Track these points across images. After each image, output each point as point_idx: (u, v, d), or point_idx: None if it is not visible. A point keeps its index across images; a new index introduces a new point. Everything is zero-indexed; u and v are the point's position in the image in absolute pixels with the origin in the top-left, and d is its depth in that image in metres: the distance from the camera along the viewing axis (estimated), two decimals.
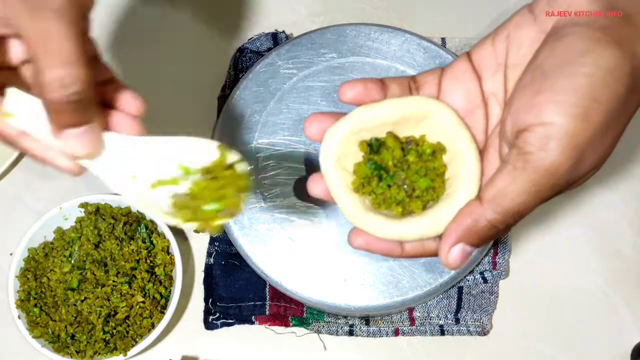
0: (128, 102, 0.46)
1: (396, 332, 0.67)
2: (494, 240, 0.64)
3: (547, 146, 0.38)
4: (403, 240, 0.44)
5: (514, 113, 0.41)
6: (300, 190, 0.64)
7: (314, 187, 0.46)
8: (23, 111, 0.44)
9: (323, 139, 0.45)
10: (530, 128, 0.39)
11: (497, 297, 0.67)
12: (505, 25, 0.44)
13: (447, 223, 0.43)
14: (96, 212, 0.67)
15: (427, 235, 0.43)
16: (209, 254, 0.69)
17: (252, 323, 0.67)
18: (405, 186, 0.45)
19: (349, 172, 0.45)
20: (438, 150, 0.45)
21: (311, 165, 0.64)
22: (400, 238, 0.44)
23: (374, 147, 0.45)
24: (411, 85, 0.46)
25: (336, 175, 0.45)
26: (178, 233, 0.71)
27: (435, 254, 0.44)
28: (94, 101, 0.43)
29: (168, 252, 0.67)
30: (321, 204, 0.63)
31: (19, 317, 0.64)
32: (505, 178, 0.40)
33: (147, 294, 0.65)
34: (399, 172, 0.45)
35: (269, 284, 0.67)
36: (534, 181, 0.39)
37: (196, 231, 0.70)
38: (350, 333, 0.67)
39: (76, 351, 0.64)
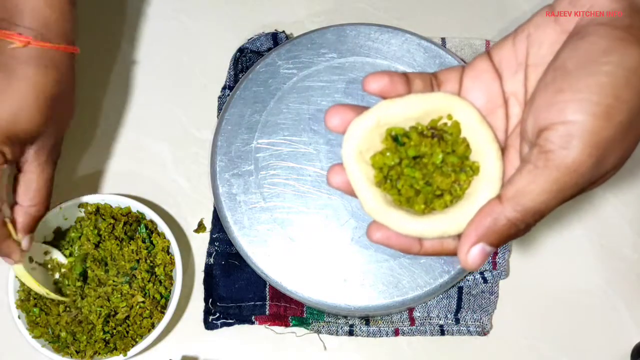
0: None
1: (396, 332, 0.67)
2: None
3: (569, 144, 0.38)
4: (424, 237, 0.44)
5: (535, 111, 0.40)
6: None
7: (334, 177, 0.46)
8: None
9: (346, 130, 0.45)
10: (551, 126, 0.39)
11: (497, 297, 0.67)
12: (525, 25, 0.44)
13: (469, 222, 0.42)
14: (96, 212, 0.67)
15: (449, 234, 0.43)
16: (209, 254, 0.69)
17: (252, 323, 0.67)
18: (428, 184, 0.44)
19: (371, 166, 0.45)
20: (464, 145, 0.45)
21: (311, 164, 0.64)
22: (421, 235, 0.43)
23: (399, 140, 0.44)
24: (433, 81, 0.46)
25: (357, 167, 0.44)
26: (178, 233, 0.71)
27: (454, 253, 0.44)
28: None
29: (168, 252, 0.67)
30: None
31: (18, 317, 0.64)
32: (526, 177, 0.40)
33: (147, 294, 0.65)
34: (422, 168, 0.44)
35: (269, 284, 0.67)
36: (556, 180, 0.39)
37: (196, 231, 0.71)
38: (350, 333, 0.67)
39: (76, 351, 0.64)
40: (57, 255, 0.66)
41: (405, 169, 0.44)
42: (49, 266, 0.66)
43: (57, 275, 0.66)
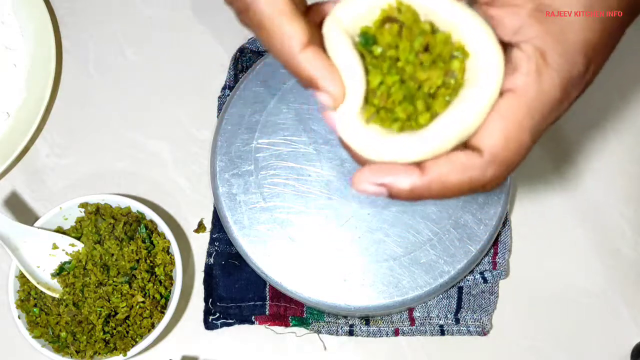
0: None
1: (396, 332, 0.67)
2: (495, 240, 0.64)
3: None
4: (440, 152, 0.36)
5: None
6: None
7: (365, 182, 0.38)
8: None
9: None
10: None
11: (497, 297, 0.67)
12: None
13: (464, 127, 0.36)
14: (96, 212, 0.67)
15: (468, 130, 0.36)
16: (209, 254, 0.69)
17: (252, 323, 0.67)
18: (419, 88, 0.37)
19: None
20: (428, 24, 0.37)
21: (311, 164, 0.64)
22: (437, 149, 0.36)
23: (368, 40, 0.38)
24: None
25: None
26: (178, 233, 0.71)
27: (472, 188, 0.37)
28: None
29: (168, 252, 0.67)
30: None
31: (19, 317, 0.64)
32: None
33: (147, 294, 0.65)
34: (400, 72, 0.37)
35: (269, 284, 0.67)
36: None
37: (196, 231, 0.71)
38: (350, 333, 0.67)
39: (76, 351, 0.64)
40: (79, 247, 0.66)
41: (387, 77, 0.37)
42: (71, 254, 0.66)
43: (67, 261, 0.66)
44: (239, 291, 0.68)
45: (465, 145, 0.37)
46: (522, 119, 0.36)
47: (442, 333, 0.67)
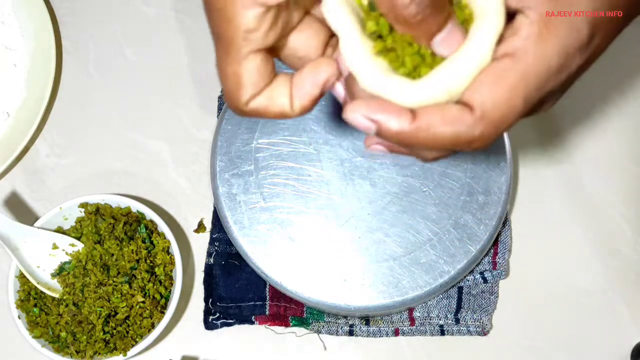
0: None
1: (396, 332, 0.67)
2: (495, 240, 0.64)
3: None
4: (433, 101, 0.36)
5: None
6: None
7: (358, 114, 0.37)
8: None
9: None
10: None
11: (497, 297, 0.67)
12: None
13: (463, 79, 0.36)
14: (96, 212, 0.67)
15: (458, 89, 0.36)
16: (209, 254, 0.69)
17: (252, 323, 0.67)
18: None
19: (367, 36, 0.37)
20: None
21: (311, 164, 0.64)
22: (432, 97, 0.36)
23: (372, 5, 0.37)
24: None
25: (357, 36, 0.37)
26: (178, 233, 0.71)
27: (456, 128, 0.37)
28: None
29: (168, 252, 0.67)
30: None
31: (19, 317, 0.64)
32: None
33: (147, 294, 0.65)
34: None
35: (269, 284, 0.67)
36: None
37: (196, 231, 0.71)
38: (350, 333, 0.67)
39: (76, 351, 0.64)
40: (79, 247, 0.66)
41: (394, 33, 0.37)
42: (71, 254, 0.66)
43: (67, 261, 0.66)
44: (239, 291, 0.68)
45: (459, 103, 0.37)
46: (516, 82, 0.36)
47: (442, 333, 0.67)
